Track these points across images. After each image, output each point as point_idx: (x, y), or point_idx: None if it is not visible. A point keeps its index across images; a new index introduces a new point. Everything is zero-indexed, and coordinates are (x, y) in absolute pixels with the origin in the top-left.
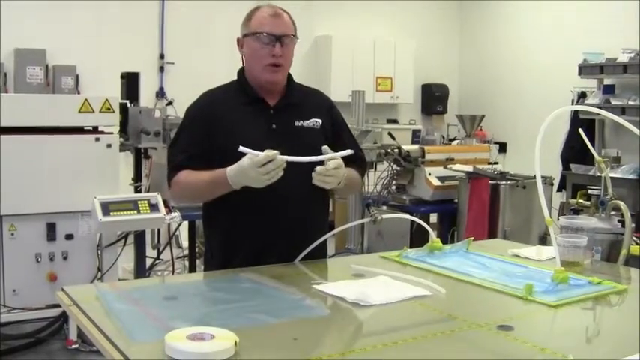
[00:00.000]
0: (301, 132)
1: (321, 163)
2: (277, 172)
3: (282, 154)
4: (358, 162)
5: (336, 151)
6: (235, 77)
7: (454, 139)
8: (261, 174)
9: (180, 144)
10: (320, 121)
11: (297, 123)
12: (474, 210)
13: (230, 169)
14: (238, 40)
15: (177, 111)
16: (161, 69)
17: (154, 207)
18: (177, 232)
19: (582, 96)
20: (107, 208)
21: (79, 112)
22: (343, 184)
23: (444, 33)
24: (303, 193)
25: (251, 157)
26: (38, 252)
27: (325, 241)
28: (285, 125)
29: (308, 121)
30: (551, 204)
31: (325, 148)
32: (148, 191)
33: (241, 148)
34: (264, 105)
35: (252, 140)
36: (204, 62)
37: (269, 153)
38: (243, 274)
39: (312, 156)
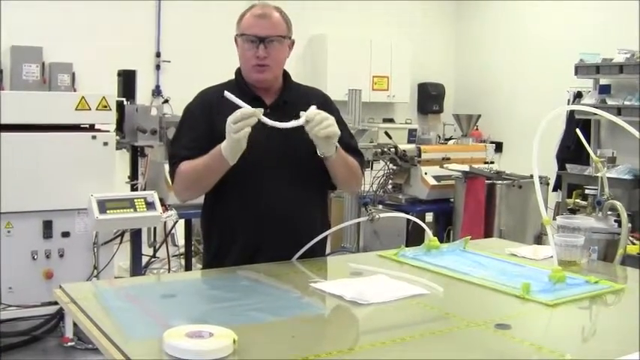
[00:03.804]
0: (297, 130)
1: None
2: (245, 130)
3: (278, 153)
4: (356, 155)
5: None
6: (232, 76)
7: (450, 139)
8: (232, 129)
9: (181, 141)
10: None
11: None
12: (470, 209)
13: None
14: (235, 38)
15: (174, 109)
16: (157, 67)
17: (150, 205)
18: (173, 231)
19: (578, 96)
20: (103, 205)
21: (76, 109)
22: (336, 155)
23: (440, 32)
24: (302, 191)
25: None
26: (34, 249)
27: (324, 239)
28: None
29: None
30: (547, 204)
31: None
32: (145, 189)
33: (226, 94)
34: (261, 104)
35: (248, 139)
36: (201, 60)
37: (246, 110)
38: (241, 272)
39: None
